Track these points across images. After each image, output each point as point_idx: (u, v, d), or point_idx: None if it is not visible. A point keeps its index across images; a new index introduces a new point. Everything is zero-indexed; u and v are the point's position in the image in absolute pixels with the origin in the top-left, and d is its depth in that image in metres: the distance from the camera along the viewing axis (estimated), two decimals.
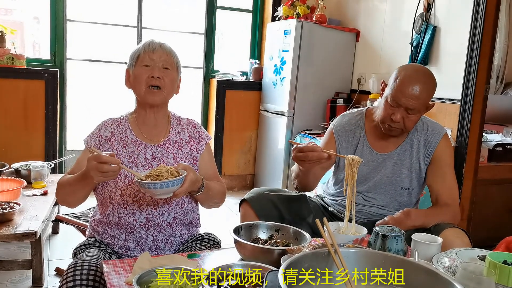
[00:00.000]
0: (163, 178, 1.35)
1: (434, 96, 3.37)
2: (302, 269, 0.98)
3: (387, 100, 1.75)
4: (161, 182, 1.32)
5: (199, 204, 1.70)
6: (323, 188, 2.11)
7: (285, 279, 0.86)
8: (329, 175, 2.06)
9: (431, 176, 1.84)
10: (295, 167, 1.86)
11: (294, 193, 1.96)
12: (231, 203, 4.08)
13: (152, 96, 1.55)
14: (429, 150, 1.83)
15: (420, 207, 2.00)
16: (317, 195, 2.10)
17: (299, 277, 0.98)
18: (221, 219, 3.73)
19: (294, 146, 1.62)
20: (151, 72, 1.54)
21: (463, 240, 1.57)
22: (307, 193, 2.06)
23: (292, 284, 0.92)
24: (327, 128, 2.10)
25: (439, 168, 1.82)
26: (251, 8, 4.90)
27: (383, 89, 1.82)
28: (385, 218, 1.68)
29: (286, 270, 0.90)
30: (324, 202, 2.01)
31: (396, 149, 1.86)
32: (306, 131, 4.05)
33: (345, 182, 1.59)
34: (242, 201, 1.84)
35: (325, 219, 1.14)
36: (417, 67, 1.81)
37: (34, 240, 2.23)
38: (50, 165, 3.00)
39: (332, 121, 2.05)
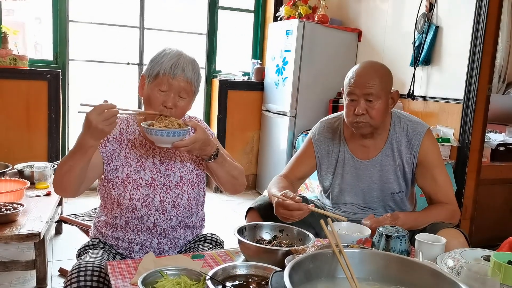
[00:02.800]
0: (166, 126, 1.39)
1: (437, 95, 3.37)
2: (307, 270, 0.98)
3: (345, 99, 1.74)
4: (162, 130, 1.35)
5: (204, 205, 1.69)
6: (318, 196, 2.08)
7: (290, 280, 0.86)
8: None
9: (421, 179, 1.79)
10: (270, 188, 1.76)
11: (298, 197, 1.92)
12: (234, 203, 4.08)
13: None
14: (413, 153, 1.77)
15: (421, 206, 1.99)
16: (318, 198, 2.08)
17: (304, 278, 0.98)
18: (223, 219, 3.74)
19: (277, 199, 1.54)
20: (165, 100, 1.46)
21: (459, 240, 1.54)
22: (309, 196, 2.04)
23: (297, 285, 0.92)
24: None
25: (427, 170, 1.77)
26: (253, 8, 4.91)
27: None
28: (367, 222, 1.61)
29: (291, 270, 0.90)
30: (324, 205, 1.99)
31: (378, 155, 1.80)
32: (308, 131, 4.04)
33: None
34: (249, 210, 1.80)
35: (329, 219, 1.15)
36: (366, 60, 1.81)
37: (37, 241, 2.24)
38: (53, 166, 3.01)
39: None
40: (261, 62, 4.83)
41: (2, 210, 2.23)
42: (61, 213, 2.97)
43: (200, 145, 1.45)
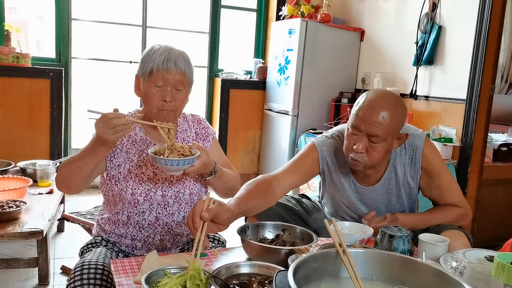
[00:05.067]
0: (175, 154, 1.38)
1: (440, 95, 3.35)
2: (311, 269, 0.98)
3: (348, 128, 1.59)
4: (172, 160, 1.35)
5: None
6: (320, 198, 2.00)
7: (295, 279, 0.86)
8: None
9: (427, 190, 1.75)
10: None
11: (293, 202, 1.87)
12: None
13: (163, 118, 1.52)
14: (417, 167, 1.70)
15: (423, 206, 1.97)
16: (320, 201, 2.05)
17: (308, 277, 0.98)
18: None
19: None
20: (163, 95, 1.49)
21: (461, 241, 1.53)
22: (312, 197, 2.03)
23: (301, 285, 0.92)
24: (331, 128, 2.02)
25: (432, 180, 1.72)
26: (255, 7, 4.91)
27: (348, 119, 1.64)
28: (364, 221, 1.59)
29: (295, 270, 0.90)
30: (324, 206, 1.96)
31: (380, 180, 1.71)
32: (310, 130, 4.05)
33: None
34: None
35: (333, 219, 1.14)
36: (383, 91, 1.61)
37: (40, 239, 2.24)
38: (56, 164, 3.01)
39: (319, 135, 1.84)
40: (263, 61, 4.83)
41: (4, 207, 2.23)
42: (63, 211, 2.97)
43: (206, 166, 1.47)
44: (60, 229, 3.24)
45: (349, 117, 1.61)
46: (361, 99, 1.58)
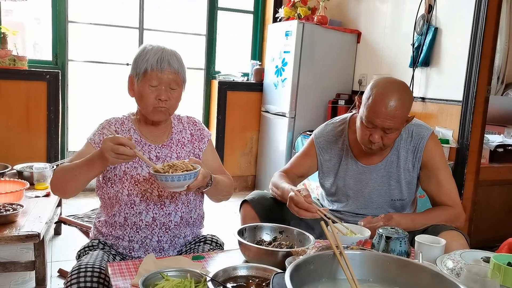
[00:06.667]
0: (178, 171, 1.35)
1: (436, 97, 3.37)
2: (308, 271, 0.98)
3: (363, 122, 1.67)
4: (178, 175, 1.33)
5: (203, 202, 1.71)
6: (318, 197, 2.07)
7: (292, 282, 0.86)
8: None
9: (425, 182, 1.79)
10: (277, 181, 1.82)
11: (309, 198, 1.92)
12: (233, 204, 4.08)
13: (158, 115, 1.55)
14: (418, 156, 1.77)
15: (421, 208, 1.99)
16: (318, 199, 2.08)
17: (305, 279, 0.98)
18: (222, 220, 3.74)
19: (292, 193, 1.55)
20: (158, 94, 1.52)
21: (459, 242, 1.54)
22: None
23: (299, 287, 0.92)
24: None
25: (431, 173, 1.76)
26: (252, 9, 4.91)
27: (358, 107, 1.73)
28: (361, 222, 1.61)
29: (292, 272, 0.91)
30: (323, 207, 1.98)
31: (382, 161, 1.79)
32: (308, 132, 4.06)
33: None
34: (243, 202, 1.83)
35: (330, 221, 1.15)
36: (389, 82, 1.69)
37: (37, 242, 2.23)
38: (52, 167, 3.00)
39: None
40: (260, 63, 4.83)
41: (1, 211, 2.22)
42: (61, 214, 2.97)
43: (204, 179, 1.47)
44: (57, 232, 3.23)
45: (360, 106, 1.70)
46: (371, 93, 1.65)
